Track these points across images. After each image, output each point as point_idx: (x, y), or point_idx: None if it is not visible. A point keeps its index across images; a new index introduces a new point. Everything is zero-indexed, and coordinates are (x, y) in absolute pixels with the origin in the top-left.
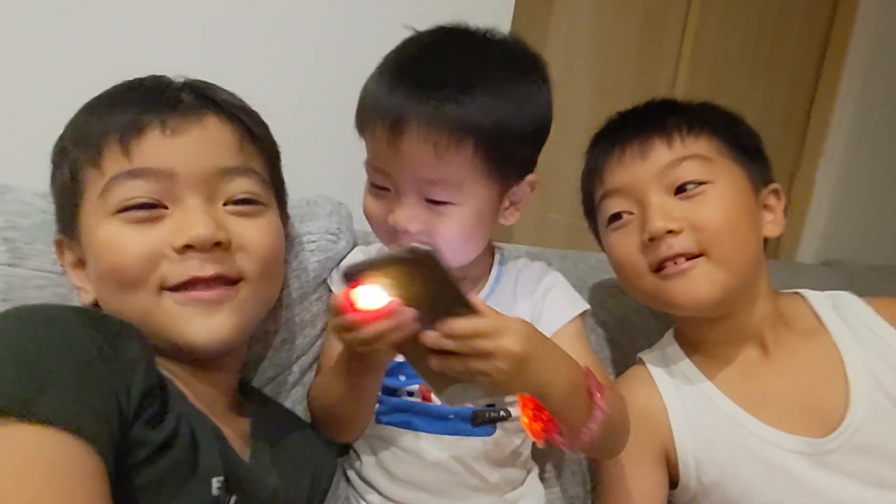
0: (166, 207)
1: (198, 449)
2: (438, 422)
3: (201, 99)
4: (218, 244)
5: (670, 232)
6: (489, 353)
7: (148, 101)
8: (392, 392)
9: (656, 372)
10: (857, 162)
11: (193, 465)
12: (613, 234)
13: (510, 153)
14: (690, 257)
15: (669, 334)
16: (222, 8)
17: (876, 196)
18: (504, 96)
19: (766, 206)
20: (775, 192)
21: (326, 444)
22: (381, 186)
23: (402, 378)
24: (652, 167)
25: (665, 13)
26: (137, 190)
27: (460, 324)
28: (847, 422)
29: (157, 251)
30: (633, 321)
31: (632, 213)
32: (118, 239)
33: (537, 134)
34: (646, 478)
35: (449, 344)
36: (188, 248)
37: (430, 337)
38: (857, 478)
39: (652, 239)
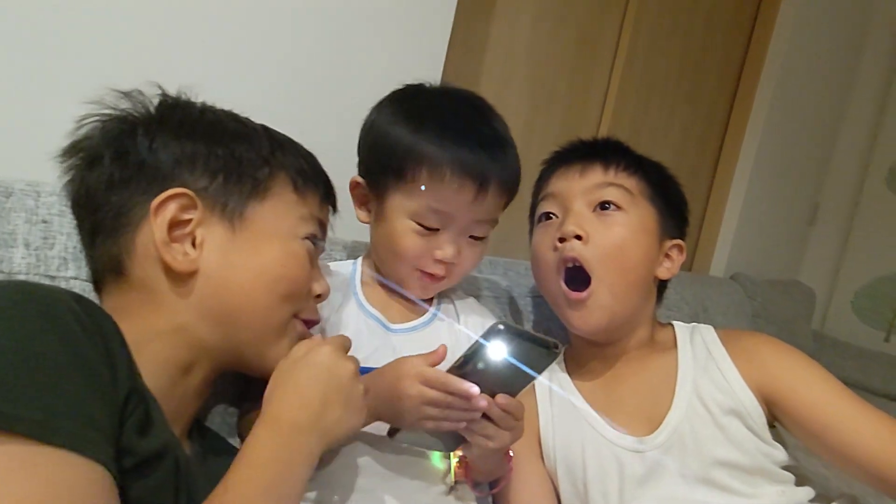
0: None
1: (179, 473)
2: None
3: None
4: None
5: (578, 238)
6: (514, 428)
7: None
8: None
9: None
10: (760, 188)
11: (175, 490)
12: (539, 230)
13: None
14: (581, 277)
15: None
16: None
17: (774, 218)
18: (519, 164)
19: (667, 255)
20: (679, 247)
21: None
22: (433, 228)
23: None
24: (585, 183)
25: (599, 35)
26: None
27: (515, 403)
28: (666, 422)
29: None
30: (554, 332)
31: (557, 217)
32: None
33: None
34: (533, 469)
35: (495, 412)
36: None
37: (483, 404)
38: (672, 471)
39: (562, 239)
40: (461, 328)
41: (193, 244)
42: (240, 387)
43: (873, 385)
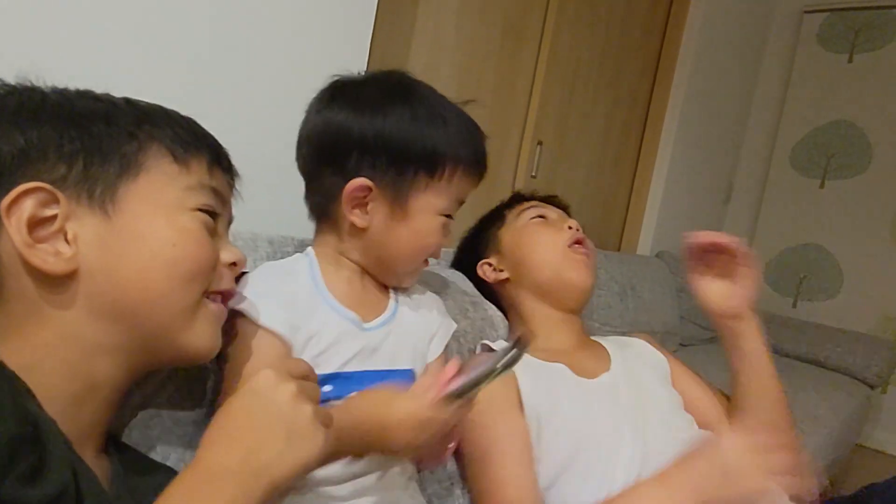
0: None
1: None
2: None
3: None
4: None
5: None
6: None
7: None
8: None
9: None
10: (680, 169)
11: None
12: (535, 226)
13: None
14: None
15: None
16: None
17: (694, 198)
18: None
19: None
20: None
21: None
22: (448, 214)
23: (328, 389)
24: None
25: (524, 24)
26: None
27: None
28: (611, 370)
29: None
30: (487, 334)
31: (545, 217)
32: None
33: None
34: (513, 421)
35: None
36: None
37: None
38: (622, 402)
39: (570, 227)
40: (421, 316)
41: (67, 241)
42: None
43: (783, 347)
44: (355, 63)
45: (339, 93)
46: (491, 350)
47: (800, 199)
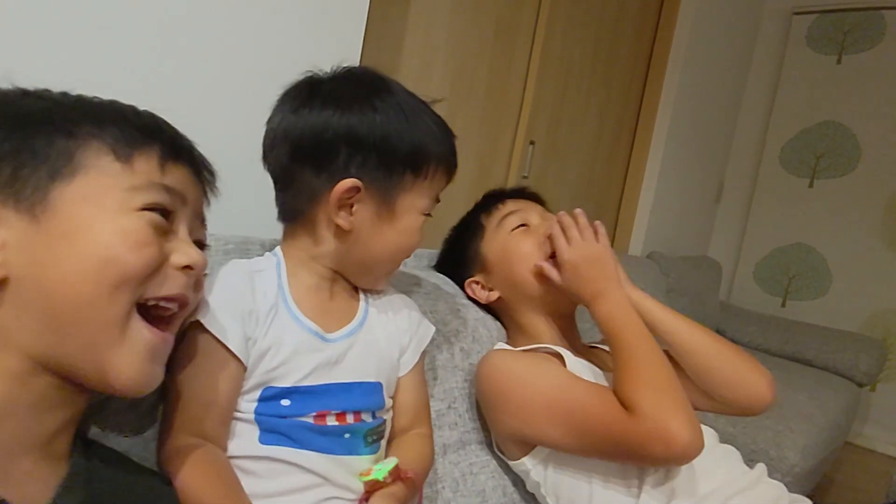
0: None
1: None
2: (327, 439)
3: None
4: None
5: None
6: None
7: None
8: (279, 416)
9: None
10: (672, 169)
11: None
12: (517, 235)
13: None
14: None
15: (502, 343)
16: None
17: (685, 198)
18: None
19: None
20: None
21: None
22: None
23: (287, 403)
24: (533, 207)
25: (516, 23)
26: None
27: None
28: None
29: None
30: (480, 333)
31: (529, 226)
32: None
33: None
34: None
35: None
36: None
37: None
38: None
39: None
40: (392, 325)
41: None
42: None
43: (772, 347)
44: (348, 61)
45: (317, 90)
46: None
47: (789, 198)
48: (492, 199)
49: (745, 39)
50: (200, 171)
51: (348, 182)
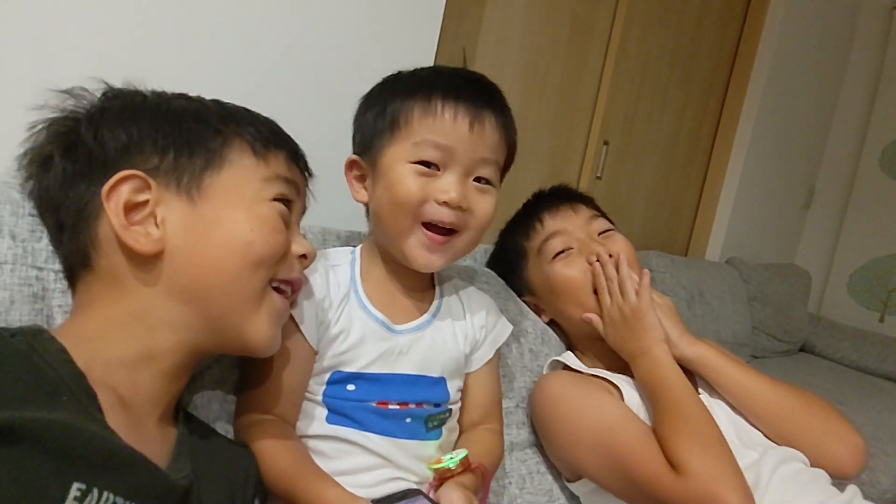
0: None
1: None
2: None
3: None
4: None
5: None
6: None
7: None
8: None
9: (592, 371)
10: (755, 172)
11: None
12: (561, 262)
13: (507, 168)
14: None
15: (569, 354)
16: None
17: (770, 202)
18: (514, 123)
19: None
20: None
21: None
22: (431, 162)
23: (352, 388)
24: (580, 219)
25: (593, 20)
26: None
27: None
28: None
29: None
30: (549, 335)
31: (572, 248)
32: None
33: None
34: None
35: None
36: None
37: None
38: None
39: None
40: (467, 321)
41: (157, 225)
42: (238, 374)
43: (868, 365)
44: (422, 63)
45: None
46: (561, 365)
47: (890, 204)
48: (529, 217)
49: (841, 36)
50: (308, 174)
51: (347, 159)
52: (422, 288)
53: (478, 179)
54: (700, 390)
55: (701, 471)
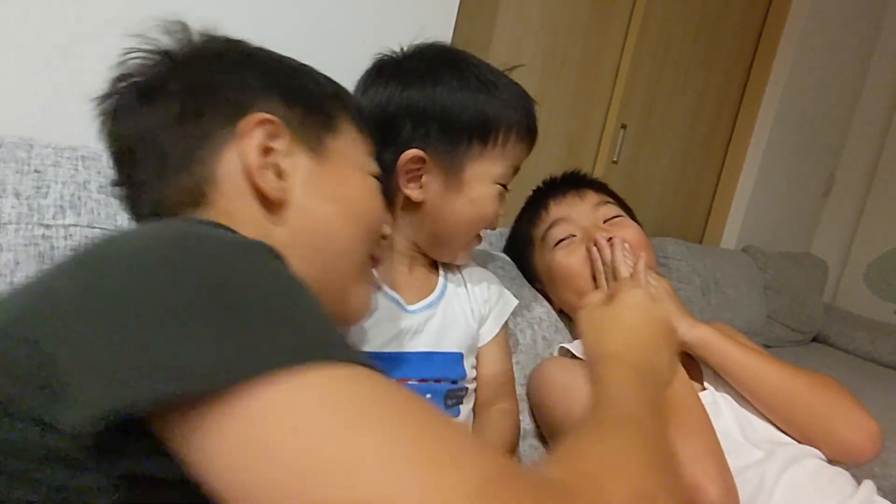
0: None
1: None
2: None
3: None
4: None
5: (609, 240)
6: None
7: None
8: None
9: None
10: (776, 158)
11: None
12: (562, 250)
13: None
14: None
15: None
16: None
17: (789, 190)
18: None
19: None
20: None
21: None
22: (506, 186)
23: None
24: (586, 205)
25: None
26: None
27: None
28: (706, 389)
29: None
30: (564, 322)
31: (575, 236)
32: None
33: None
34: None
35: None
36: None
37: None
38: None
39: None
40: (470, 296)
41: (279, 175)
42: None
43: (883, 357)
44: (440, 39)
45: (383, 70)
46: (569, 353)
47: None
48: (535, 205)
49: (871, 20)
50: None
51: (410, 153)
52: (428, 270)
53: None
54: (706, 384)
55: (681, 457)
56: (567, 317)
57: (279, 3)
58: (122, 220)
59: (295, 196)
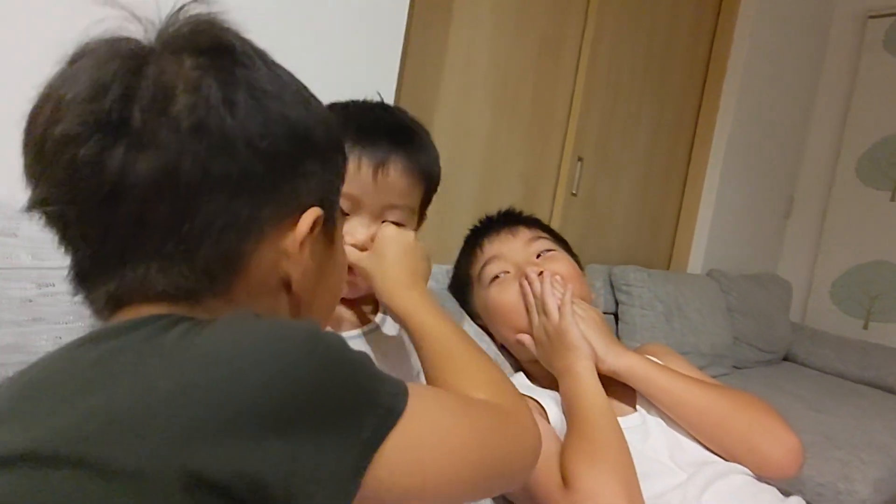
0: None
1: None
2: None
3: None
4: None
5: (540, 273)
6: None
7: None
8: None
9: (524, 390)
10: (733, 183)
11: None
12: (495, 287)
13: (429, 199)
14: None
15: (520, 374)
16: None
17: (750, 213)
18: (434, 155)
19: None
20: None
21: None
22: (343, 212)
23: None
24: (518, 242)
25: (561, 39)
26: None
27: None
28: (638, 410)
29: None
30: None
31: (508, 272)
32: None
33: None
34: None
35: None
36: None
37: None
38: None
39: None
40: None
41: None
42: None
43: (850, 372)
44: (384, 86)
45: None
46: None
47: (868, 212)
48: (471, 244)
49: (814, 45)
50: None
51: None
52: (362, 306)
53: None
54: (638, 407)
55: (584, 485)
56: (507, 352)
57: None
58: None
59: (300, 286)
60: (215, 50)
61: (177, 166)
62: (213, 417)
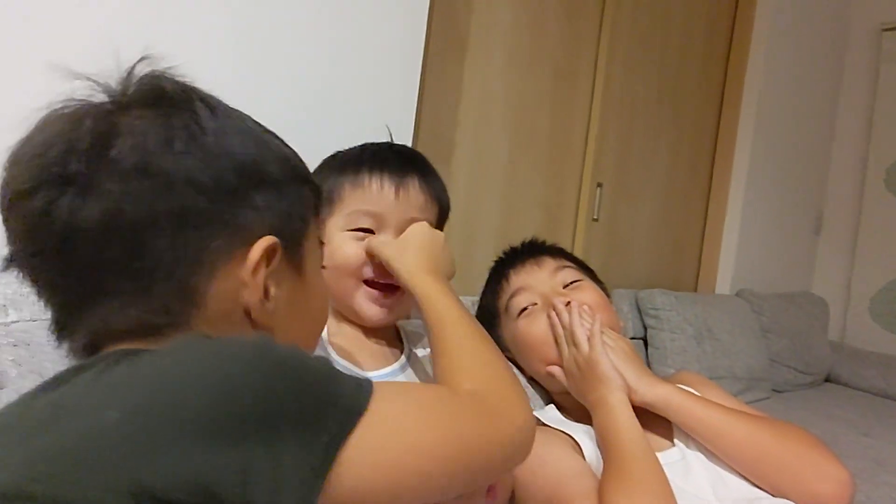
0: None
1: None
2: None
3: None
4: None
5: (567, 304)
6: None
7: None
8: None
9: (557, 424)
10: (758, 201)
11: None
12: (524, 320)
13: (440, 226)
14: None
15: (551, 406)
16: None
17: (778, 231)
18: (443, 185)
19: None
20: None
21: None
22: (366, 229)
23: None
24: (544, 273)
25: (575, 67)
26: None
27: None
28: (676, 445)
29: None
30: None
31: (536, 304)
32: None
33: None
34: (578, 462)
35: None
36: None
37: None
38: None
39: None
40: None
41: (266, 295)
42: None
43: (891, 392)
44: (404, 123)
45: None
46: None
47: None
48: (497, 276)
49: (832, 60)
50: None
51: None
52: (388, 341)
53: None
54: (676, 440)
55: None
56: (538, 384)
57: (252, 95)
58: None
59: (277, 319)
60: (158, 99)
61: (120, 207)
62: (159, 433)
